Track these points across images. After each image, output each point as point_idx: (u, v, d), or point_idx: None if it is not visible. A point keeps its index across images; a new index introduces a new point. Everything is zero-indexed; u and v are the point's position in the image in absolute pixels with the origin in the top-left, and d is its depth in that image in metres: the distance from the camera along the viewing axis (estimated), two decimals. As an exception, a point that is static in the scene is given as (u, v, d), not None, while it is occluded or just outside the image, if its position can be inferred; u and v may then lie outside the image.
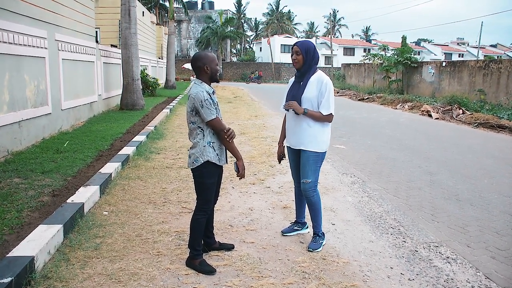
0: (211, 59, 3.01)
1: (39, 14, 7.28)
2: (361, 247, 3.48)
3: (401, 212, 4.40)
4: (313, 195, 3.39)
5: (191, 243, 3.05)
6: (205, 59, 2.98)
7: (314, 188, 3.40)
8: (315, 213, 3.45)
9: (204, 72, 2.99)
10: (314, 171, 3.37)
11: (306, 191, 3.38)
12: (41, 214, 3.78)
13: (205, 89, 2.94)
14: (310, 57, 3.31)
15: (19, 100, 6.50)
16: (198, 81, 3.01)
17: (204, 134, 2.96)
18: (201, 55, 3.02)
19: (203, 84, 2.97)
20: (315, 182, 3.40)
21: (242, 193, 4.84)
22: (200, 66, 2.98)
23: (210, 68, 2.99)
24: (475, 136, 10.17)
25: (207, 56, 3.01)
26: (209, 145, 2.96)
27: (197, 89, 2.91)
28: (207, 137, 2.96)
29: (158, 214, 4.09)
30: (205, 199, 3.04)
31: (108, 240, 3.42)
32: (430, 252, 3.43)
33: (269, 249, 3.38)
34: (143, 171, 5.66)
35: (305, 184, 3.37)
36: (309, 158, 3.35)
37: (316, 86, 3.30)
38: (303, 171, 3.39)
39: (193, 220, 3.04)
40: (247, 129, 9.67)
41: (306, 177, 3.36)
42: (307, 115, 3.28)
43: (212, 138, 2.97)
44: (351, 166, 6.40)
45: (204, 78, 3.00)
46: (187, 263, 3.04)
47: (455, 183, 5.57)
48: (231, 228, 3.81)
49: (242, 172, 3.08)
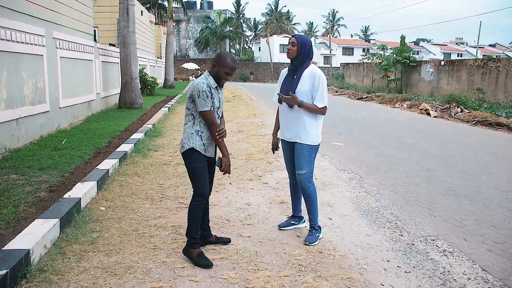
0: (226, 64, 2.98)
1: (36, 11, 7.27)
2: (358, 241, 3.48)
3: (399, 206, 4.40)
4: (308, 186, 3.41)
5: (188, 230, 3.06)
6: (222, 60, 2.98)
7: (310, 179, 3.42)
8: (311, 204, 3.45)
9: (213, 68, 3.02)
10: (309, 162, 3.39)
11: (302, 182, 3.40)
12: (37, 209, 3.78)
13: (209, 82, 2.98)
14: (305, 51, 3.35)
15: (17, 97, 6.50)
16: (207, 73, 3.06)
17: (194, 122, 3.01)
18: (223, 55, 3.03)
19: (210, 78, 3.02)
20: (310, 173, 3.41)
21: (239, 189, 4.84)
22: (214, 62, 3.01)
23: (218, 70, 3.00)
24: (473, 133, 10.18)
25: (226, 59, 2.99)
26: (196, 133, 3.00)
27: (201, 80, 2.98)
28: (196, 125, 3.01)
29: (155, 210, 4.08)
30: (199, 184, 3.05)
31: (104, 234, 3.42)
32: (427, 246, 3.43)
33: (266, 242, 3.38)
34: (140, 167, 5.65)
35: (300, 175, 3.39)
36: (303, 150, 3.37)
37: (309, 80, 3.33)
38: (298, 163, 3.41)
39: (191, 208, 3.06)
40: (245, 127, 9.67)
41: (301, 168, 3.38)
42: (303, 107, 3.28)
43: (201, 128, 3.00)
44: (349, 163, 6.40)
45: (212, 73, 3.04)
46: (184, 252, 3.05)
47: (453, 179, 5.57)
48: (228, 222, 3.80)
49: (225, 168, 3.04)
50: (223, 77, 3.01)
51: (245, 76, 47.14)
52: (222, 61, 2.98)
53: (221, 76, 3.01)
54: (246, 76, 47.04)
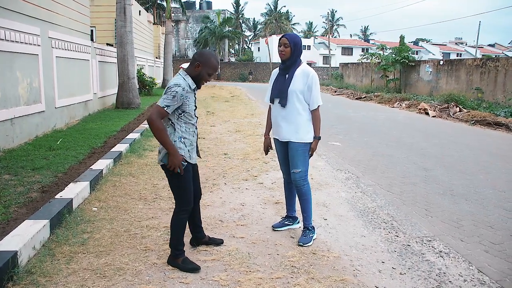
0: (210, 65, 2.75)
1: (31, 11, 7.21)
2: (353, 242, 3.43)
3: (395, 207, 4.35)
4: (303, 184, 3.37)
5: (173, 243, 2.89)
6: (206, 60, 2.74)
7: (305, 177, 3.38)
8: (305, 203, 3.41)
9: (194, 68, 2.76)
10: (304, 161, 3.36)
11: (297, 181, 3.36)
12: (28, 210, 3.72)
13: (188, 83, 2.73)
14: (298, 50, 3.35)
15: (11, 97, 6.44)
16: (184, 73, 2.79)
17: (175, 128, 2.77)
18: (207, 54, 2.79)
19: (188, 78, 2.76)
20: (305, 171, 3.38)
21: (234, 189, 4.79)
22: (197, 62, 2.74)
23: (200, 70, 2.75)
24: (472, 133, 10.13)
25: (210, 59, 2.76)
26: (180, 140, 2.78)
27: (178, 80, 2.71)
28: (178, 131, 2.78)
29: (148, 210, 4.03)
30: (186, 198, 2.85)
31: (95, 236, 3.36)
32: (423, 247, 3.38)
33: (259, 244, 3.33)
34: (135, 168, 5.60)
35: (295, 174, 3.35)
36: (298, 149, 3.34)
37: (302, 79, 3.30)
38: (292, 162, 3.37)
39: (175, 220, 2.87)
40: (242, 127, 9.62)
41: (296, 167, 3.34)
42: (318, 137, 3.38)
43: (183, 133, 2.79)
44: (345, 163, 6.35)
45: (192, 73, 2.78)
46: (169, 262, 2.91)
47: (450, 179, 5.52)
48: (221, 223, 3.75)
49: (171, 166, 2.71)
50: (204, 79, 2.78)
51: (244, 76, 47.14)
52: (206, 61, 2.74)
53: (203, 77, 2.77)
54: (245, 76, 47.02)
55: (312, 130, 3.40)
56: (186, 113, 2.79)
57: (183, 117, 2.79)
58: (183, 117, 2.79)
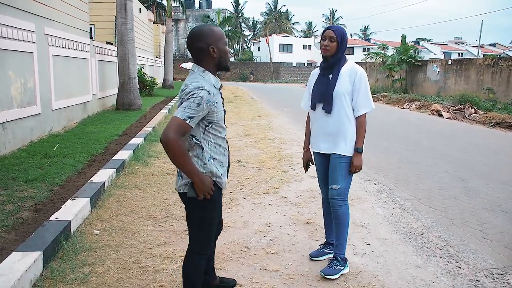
0: (219, 37, 2.07)
1: (25, 4, 6.61)
2: (409, 276, 2.85)
3: (444, 227, 3.77)
4: (341, 205, 2.82)
5: None
6: (211, 36, 2.04)
7: (344, 196, 2.84)
8: (340, 228, 2.84)
9: (208, 55, 2.06)
10: (345, 176, 2.81)
11: (334, 199, 2.82)
12: (18, 235, 3.13)
13: (211, 83, 2.04)
14: (344, 46, 2.80)
15: (3, 99, 5.83)
16: (200, 69, 2.07)
17: (202, 147, 2.06)
18: (204, 30, 2.06)
19: (207, 75, 2.06)
20: (345, 189, 2.83)
21: (255, 205, 4.20)
22: (203, 48, 2.04)
23: (217, 50, 2.06)
24: (493, 136, 9.57)
25: (212, 32, 2.06)
26: (210, 162, 2.08)
27: (197, 83, 1.99)
28: (207, 150, 2.07)
29: (159, 233, 3.45)
30: (204, 242, 2.18)
31: (98, 269, 2.78)
32: (496, 283, 2.80)
33: (298, 279, 2.75)
34: (141, 178, 5.01)
35: (333, 190, 2.81)
36: (341, 161, 2.80)
37: (349, 78, 2.77)
38: (332, 176, 2.82)
39: (189, 265, 2.20)
40: (251, 130, 9.03)
41: (335, 182, 2.80)
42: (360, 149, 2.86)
43: (213, 153, 2.10)
44: (372, 172, 5.76)
45: (209, 64, 2.07)
46: None
47: (493, 191, 4.94)
48: (248, 251, 3.16)
49: (200, 194, 2.04)
50: (226, 53, 2.11)
51: (244, 76, 46.60)
52: (213, 37, 2.05)
53: (225, 53, 2.10)
54: (245, 76, 46.49)
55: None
56: (214, 124, 2.07)
57: (211, 130, 2.07)
58: (212, 130, 2.07)
